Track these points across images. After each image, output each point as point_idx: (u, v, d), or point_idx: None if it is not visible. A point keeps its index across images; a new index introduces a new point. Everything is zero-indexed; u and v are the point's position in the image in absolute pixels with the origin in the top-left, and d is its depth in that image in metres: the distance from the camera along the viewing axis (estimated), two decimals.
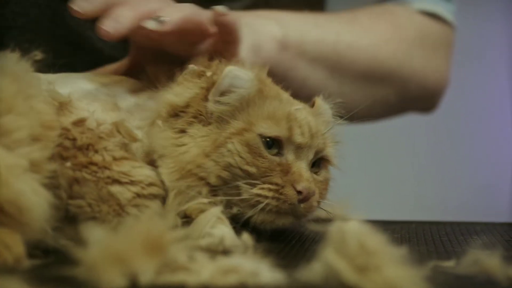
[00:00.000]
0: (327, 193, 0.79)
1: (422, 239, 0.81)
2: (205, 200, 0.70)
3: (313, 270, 0.53)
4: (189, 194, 0.71)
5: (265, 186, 0.71)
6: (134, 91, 0.78)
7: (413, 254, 0.53)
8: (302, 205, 0.72)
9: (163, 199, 0.71)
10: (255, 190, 0.71)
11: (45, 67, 0.72)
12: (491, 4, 2.45)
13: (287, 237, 0.77)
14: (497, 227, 0.91)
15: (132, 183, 0.69)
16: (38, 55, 0.71)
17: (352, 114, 0.81)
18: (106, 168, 0.68)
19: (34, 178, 0.62)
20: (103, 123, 0.71)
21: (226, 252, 0.64)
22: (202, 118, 0.73)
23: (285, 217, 0.72)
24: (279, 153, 0.72)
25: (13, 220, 0.60)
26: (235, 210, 0.72)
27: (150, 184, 0.70)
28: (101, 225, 0.65)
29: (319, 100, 0.80)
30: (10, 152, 0.61)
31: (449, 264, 0.62)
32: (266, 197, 0.70)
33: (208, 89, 0.73)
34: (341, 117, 0.80)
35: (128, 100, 0.76)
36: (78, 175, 0.67)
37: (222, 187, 0.71)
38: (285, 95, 0.78)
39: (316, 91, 0.83)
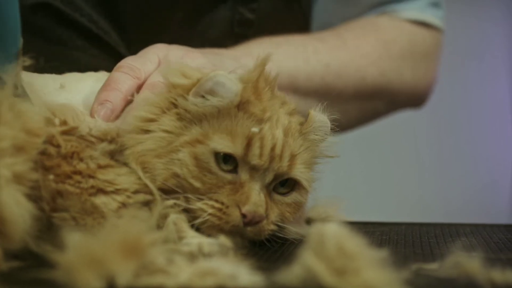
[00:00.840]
0: (294, 217, 0.75)
1: (410, 240, 0.80)
2: (169, 203, 0.69)
3: (292, 273, 0.53)
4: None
5: (210, 202, 0.68)
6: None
7: (397, 257, 0.54)
8: (249, 229, 0.69)
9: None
10: (199, 204, 0.69)
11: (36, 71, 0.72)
12: (491, 5, 2.45)
13: (268, 239, 0.75)
14: (487, 229, 0.91)
15: (117, 191, 0.68)
16: (27, 60, 0.70)
17: (342, 126, 0.77)
18: (90, 176, 0.67)
19: (17, 189, 0.62)
20: (93, 127, 0.70)
21: (206, 257, 0.64)
22: (179, 111, 0.71)
23: (230, 236, 0.68)
24: (234, 170, 0.70)
25: None
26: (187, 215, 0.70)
27: (136, 192, 0.69)
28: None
29: (313, 114, 0.76)
30: None
31: (433, 266, 0.61)
32: (207, 213, 0.68)
33: (194, 85, 0.71)
34: (336, 131, 0.76)
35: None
36: (61, 187, 0.66)
37: (171, 193, 0.69)
38: (269, 113, 0.72)
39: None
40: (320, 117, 0.76)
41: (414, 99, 1.21)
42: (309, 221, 0.85)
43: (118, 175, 0.69)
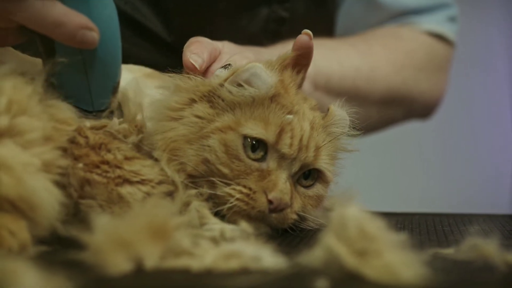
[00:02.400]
0: (314, 209, 0.77)
1: (424, 229, 0.82)
2: (192, 192, 0.70)
3: (314, 255, 0.55)
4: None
5: (238, 187, 0.70)
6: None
7: (413, 243, 0.54)
8: (273, 215, 0.71)
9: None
10: (227, 189, 0.70)
11: None
12: (491, 6, 2.46)
13: (290, 228, 0.77)
14: (499, 219, 0.92)
15: (142, 182, 0.70)
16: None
17: (364, 129, 0.79)
18: (117, 167, 0.69)
19: (46, 177, 0.63)
20: (117, 122, 0.72)
21: (228, 242, 0.65)
22: (212, 99, 0.73)
23: (255, 223, 0.70)
24: (262, 158, 0.72)
25: (23, 216, 0.61)
26: (210, 203, 0.71)
27: (160, 182, 0.71)
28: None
29: (333, 108, 0.79)
30: (24, 151, 0.62)
31: (449, 251, 0.63)
32: (235, 198, 0.70)
33: (230, 76, 0.73)
34: (357, 132, 0.78)
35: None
36: (89, 176, 0.68)
37: (199, 179, 0.71)
38: (297, 106, 0.75)
39: None
40: (339, 112, 0.78)
41: (427, 109, 1.24)
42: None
43: (143, 166, 0.70)
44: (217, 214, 0.71)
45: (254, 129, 0.71)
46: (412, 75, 1.18)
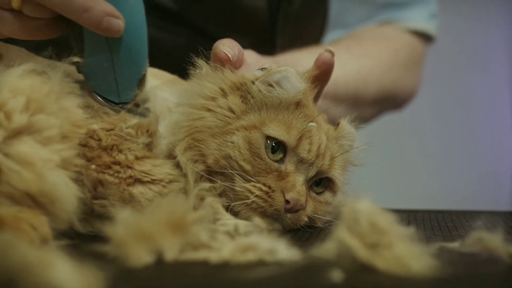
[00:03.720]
0: (323, 215, 0.80)
1: (429, 225, 0.84)
2: (206, 186, 0.73)
3: (327, 248, 0.57)
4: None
5: (258, 184, 0.73)
6: None
7: (419, 237, 0.57)
8: (288, 215, 0.73)
9: None
10: (247, 185, 0.73)
11: None
12: (491, 6, 2.49)
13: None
14: (501, 215, 0.94)
15: (153, 182, 0.72)
16: (76, 58, 0.74)
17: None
18: (128, 167, 0.71)
19: (64, 173, 0.66)
20: (129, 126, 0.74)
21: (242, 236, 0.68)
22: (244, 94, 0.75)
23: (270, 221, 0.73)
24: (281, 160, 0.74)
25: (43, 210, 0.63)
26: (224, 199, 0.73)
27: (171, 182, 0.73)
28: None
29: (343, 122, 0.82)
30: (43, 148, 0.64)
31: (454, 245, 0.65)
32: (253, 193, 0.72)
33: (263, 75, 0.76)
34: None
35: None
36: (101, 177, 0.70)
37: (218, 173, 0.74)
38: (319, 120, 0.79)
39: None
40: (348, 126, 0.82)
41: (405, 102, 1.28)
42: None
43: (154, 165, 0.73)
44: (227, 210, 0.73)
45: (277, 131, 0.74)
46: (399, 73, 1.21)
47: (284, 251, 0.58)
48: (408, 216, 0.92)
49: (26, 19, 0.73)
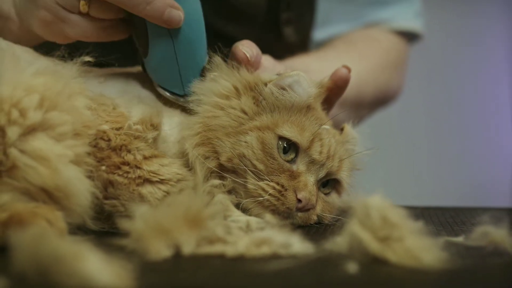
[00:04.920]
0: (330, 215, 0.81)
1: (430, 221, 0.86)
2: (216, 183, 0.74)
3: (339, 241, 0.59)
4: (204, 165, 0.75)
5: (271, 183, 0.74)
6: None
7: (428, 231, 0.58)
8: (299, 214, 0.75)
9: None
10: (261, 183, 0.74)
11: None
12: (491, 7, 2.51)
13: None
14: (499, 211, 0.96)
15: (162, 181, 0.73)
16: (87, 57, 0.76)
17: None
18: (137, 167, 0.73)
19: (77, 169, 0.67)
20: (136, 122, 0.75)
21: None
22: (256, 95, 0.77)
23: (280, 219, 0.73)
24: (292, 161, 0.76)
25: (58, 204, 0.64)
26: (233, 197, 0.75)
27: (179, 181, 0.74)
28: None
29: (347, 127, 0.85)
30: (57, 143, 0.66)
31: (458, 239, 0.67)
32: (267, 192, 0.74)
33: (276, 78, 0.78)
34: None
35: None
36: (112, 178, 0.72)
37: (230, 171, 0.75)
38: (325, 120, 0.81)
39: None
40: (352, 131, 0.85)
41: (392, 100, 1.30)
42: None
43: (162, 165, 0.74)
44: (236, 207, 0.74)
45: (291, 132, 0.76)
46: (390, 73, 1.24)
47: (297, 244, 0.60)
48: (407, 213, 0.93)
49: (93, 20, 0.78)
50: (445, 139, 2.49)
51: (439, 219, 0.88)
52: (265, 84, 0.78)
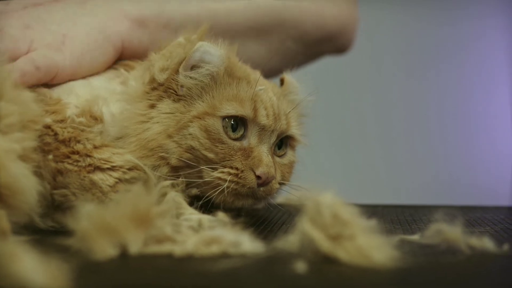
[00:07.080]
0: (290, 176, 0.81)
1: (388, 219, 0.85)
2: (167, 183, 0.71)
3: (290, 240, 0.58)
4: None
5: (225, 170, 0.73)
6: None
7: (381, 229, 0.58)
8: (261, 189, 0.74)
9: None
10: (216, 174, 0.73)
11: None
12: (491, 7, 2.52)
13: (263, 214, 0.81)
14: (464, 210, 0.96)
15: (113, 168, 0.72)
16: None
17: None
18: (87, 155, 0.71)
19: (24, 165, 0.65)
20: (80, 115, 0.74)
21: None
22: (172, 93, 0.74)
23: (244, 199, 0.74)
24: (243, 136, 0.75)
25: (3, 203, 0.62)
26: (194, 191, 0.74)
27: (131, 168, 0.73)
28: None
29: (287, 78, 0.83)
30: (4, 136, 0.64)
31: (414, 237, 0.67)
32: (226, 180, 0.72)
33: (179, 63, 0.75)
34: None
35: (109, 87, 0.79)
36: (60, 166, 0.70)
37: (184, 168, 0.73)
38: (253, 75, 0.79)
39: None
40: (292, 80, 0.83)
41: (328, 36, 1.11)
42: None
43: (113, 153, 0.73)
44: (192, 205, 0.73)
45: (232, 108, 0.74)
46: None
47: (247, 243, 0.59)
48: (367, 211, 0.92)
49: None
50: (445, 139, 2.49)
51: (398, 217, 0.88)
52: (175, 74, 0.75)
